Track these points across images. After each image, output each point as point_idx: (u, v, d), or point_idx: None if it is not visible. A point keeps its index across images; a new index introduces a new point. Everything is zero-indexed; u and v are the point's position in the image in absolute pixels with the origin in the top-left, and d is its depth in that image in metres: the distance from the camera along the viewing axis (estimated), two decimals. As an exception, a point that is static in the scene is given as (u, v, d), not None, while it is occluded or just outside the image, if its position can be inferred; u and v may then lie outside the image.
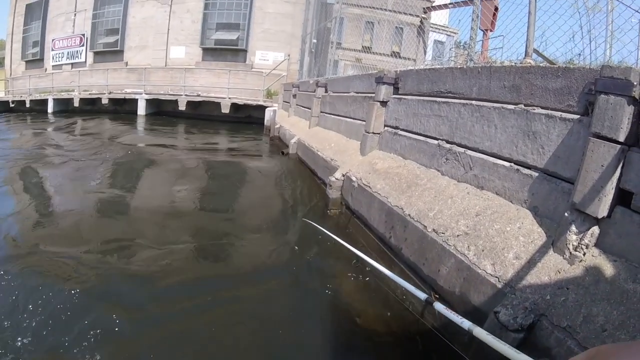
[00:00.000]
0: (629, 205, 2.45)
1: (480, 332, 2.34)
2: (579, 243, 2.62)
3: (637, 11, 4.04)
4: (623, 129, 2.45)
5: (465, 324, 2.50)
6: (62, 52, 28.41)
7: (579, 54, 5.04)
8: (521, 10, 4.49)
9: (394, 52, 9.72)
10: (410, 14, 9.95)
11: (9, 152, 10.48)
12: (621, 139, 2.45)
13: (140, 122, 19.93)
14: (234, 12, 23.80)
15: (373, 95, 6.41)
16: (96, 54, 27.27)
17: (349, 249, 4.46)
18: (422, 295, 3.17)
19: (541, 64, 3.69)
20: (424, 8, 9.80)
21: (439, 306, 2.95)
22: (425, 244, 3.76)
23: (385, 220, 4.68)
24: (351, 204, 5.88)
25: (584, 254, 2.60)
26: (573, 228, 2.65)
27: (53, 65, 28.80)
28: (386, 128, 6.18)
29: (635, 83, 2.40)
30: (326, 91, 10.07)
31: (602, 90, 2.58)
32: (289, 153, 10.66)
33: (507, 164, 3.55)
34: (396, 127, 5.85)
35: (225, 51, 23.96)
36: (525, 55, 3.99)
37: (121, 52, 26.27)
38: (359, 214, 5.55)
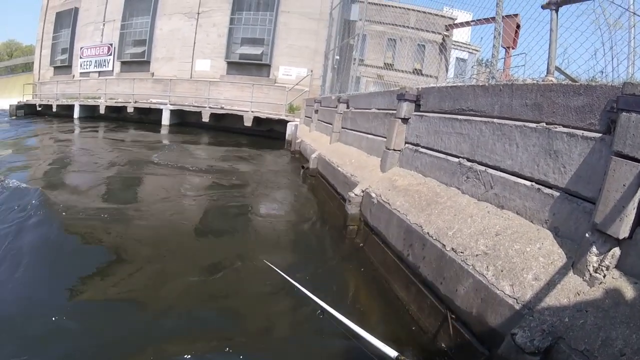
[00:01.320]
0: (650, 226, 2.40)
1: None
2: (599, 264, 2.56)
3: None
4: (645, 147, 2.41)
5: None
6: (90, 60, 29.37)
7: (602, 71, 4.99)
8: (542, 28, 4.49)
9: (415, 69, 9.77)
10: (432, 32, 10.00)
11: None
12: (643, 158, 2.41)
13: (164, 133, 20.28)
14: (258, 28, 24.18)
15: (394, 112, 6.41)
16: (123, 63, 28.09)
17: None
18: (392, 354, 3.04)
19: (563, 82, 3.66)
20: (446, 25, 9.83)
21: None
22: (443, 262, 3.71)
23: (403, 238, 4.64)
24: (370, 220, 5.86)
25: (604, 276, 2.54)
26: (594, 249, 2.60)
27: (81, 73, 29.82)
28: (407, 145, 6.16)
29: (657, 101, 2.36)
30: (348, 107, 10.11)
31: (624, 108, 2.55)
32: (310, 167, 10.70)
33: (528, 183, 3.51)
34: (417, 145, 5.84)
35: (250, 65, 24.32)
36: (547, 73, 3.96)
37: (148, 62, 26.98)
38: (377, 230, 5.52)
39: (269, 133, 21.34)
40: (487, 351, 2.85)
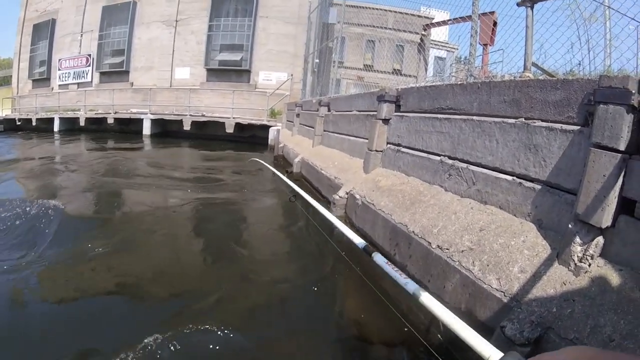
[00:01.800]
0: (633, 213, 2.44)
1: (426, 299, 2.16)
2: (583, 254, 2.60)
3: (633, 19, 4.06)
4: (623, 137, 2.45)
5: (410, 286, 2.29)
6: (69, 72, 28.91)
7: (579, 64, 5.07)
8: (519, 24, 4.54)
9: (395, 69, 9.82)
10: (410, 32, 10.06)
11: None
12: (622, 147, 2.45)
13: (146, 144, 20.05)
14: (237, 34, 24.16)
15: (375, 113, 6.43)
16: (102, 74, 27.73)
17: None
18: (360, 244, 3.00)
19: (540, 77, 3.70)
20: (423, 25, 9.90)
21: (378, 258, 2.75)
22: (430, 260, 3.73)
23: (389, 238, 4.65)
24: (355, 221, 5.86)
25: (589, 265, 2.57)
26: (577, 239, 2.63)
27: (59, 85, 29.33)
28: (389, 145, 6.19)
29: (633, 91, 2.40)
30: (329, 110, 10.13)
31: (601, 100, 2.58)
32: (293, 172, 10.67)
33: (509, 177, 3.54)
34: (398, 145, 5.86)
35: (229, 72, 24.27)
36: (524, 69, 4.01)
37: (127, 72, 26.72)
38: (363, 231, 5.52)
39: (251, 139, 21.27)
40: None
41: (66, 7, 29.22)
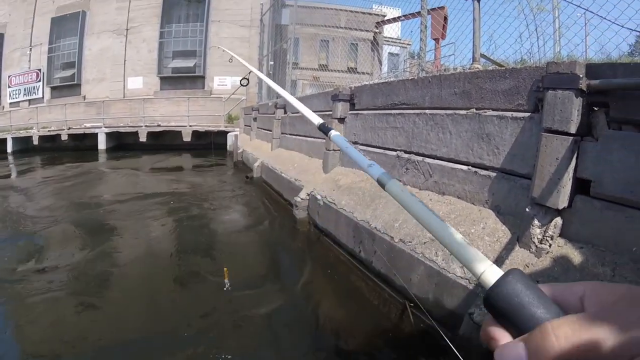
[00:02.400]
0: (588, 193, 2.49)
1: (392, 185, 1.87)
2: (543, 236, 2.63)
3: (579, 6, 4.17)
4: (574, 121, 2.49)
5: (375, 171, 1.99)
6: (19, 89, 27.44)
7: (528, 52, 5.19)
8: (467, 17, 4.59)
9: (350, 68, 9.85)
10: (363, 30, 10.11)
11: None
12: (572, 130, 2.49)
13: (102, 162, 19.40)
14: (189, 39, 23.80)
15: (331, 112, 6.41)
16: (53, 89, 26.59)
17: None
18: (316, 121, 2.86)
19: (489, 68, 3.75)
20: (376, 23, 9.96)
21: (334, 136, 2.61)
22: (394, 254, 3.73)
23: (353, 235, 4.64)
24: (318, 222, 5.82)
25: (550, 246, 2.61)
26: (536, 222, 2.66)
27: (10, 103, 27.68)
28: (346, 143, 6.17)
29: (581, 75, 2.44)
30: (285, 112, 10.07)
31: (549, 86, 2.62)
32: (253, 177, 10.55)
33: (465, 167, 3.57)
34: (355, 142, 5.85)
35: (183, 79, 23.86)
36: (473, 61, 4.05)
37: (78, 85, 25.74)
38: (327, 231, 5.49)
39: (209, 146, 20.91)
40: (450, 333, 2.87)
41: (14, 20, 27.77)
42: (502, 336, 0.40)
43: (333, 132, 1.18)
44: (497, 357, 0.38)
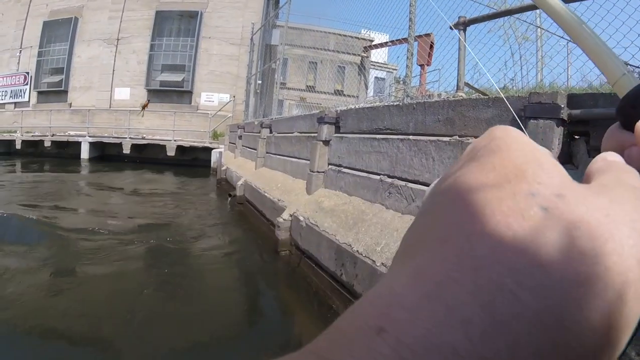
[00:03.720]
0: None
1: None
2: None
3: (562, 37, 4.27)
4: (554, 149, 2.51)
5: None
6: (6, 91, 27.05)
7: (512, 79, 5.29)
8: (453, 46, 4.65)
9: (337, 90, 9.92)
10: (351, 53, 10.22)
11: None
12: (553, 159, 2.51)
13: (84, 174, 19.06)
14: (179, 54, 23.83)
15: (316, 134, 6.42)
16: (40, 93, 26.32)
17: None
18: None
19: (472, 96, 3.79)
20: (364, 47, 10.08)
21: None
22: (375, 278, 3.69)
23: (335, 258, 4.59)
24: (300, 244, 5.77)
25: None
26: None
27: None
28: (330, 166, 6.17)
29: (562, 105, 2.47)
30: (271, 132, 10.06)
31: (531, 115, 2.65)
32: (237, 195, 10.46)
33: (447, 194, 3.58)
34: (339, 165, 5.85)
35: (171, 92, 23.79)
36: (457, 89, 4.10)
37: (65, 92, 25.52)
38: (309, 253, 5.44)
39: (193, 162, 20.72)
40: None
41: (6, 20, 27.48)
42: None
43: None
44: (627, 158, 0.30)
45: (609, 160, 0.28)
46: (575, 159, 2.53)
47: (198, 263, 6.03)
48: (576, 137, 2.57)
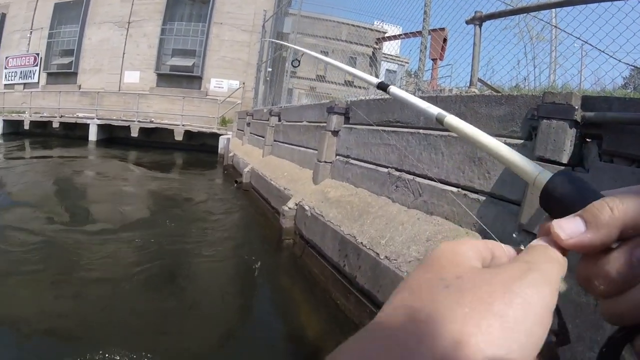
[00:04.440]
0: (575, 222, 2.48)
1: (453, 120, 1.57)
2: (529, 263, 2.63)
3: (579, 38, 4.24)
4: (566, 151, 2.50)
5: (432, 110, 1.70)
6: (15, 71, 27.19)
7: (525, 78, 5.26)
8: (467, 42, 4.63)
9: (347, 81, 9.88)
10: (363, 45, 10.18)
11: None
12: (564, 160, 2.50)
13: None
14: (190, 39, 23.77)
15: (325, 124, 6.41)
16: (49, 75, 26.40)
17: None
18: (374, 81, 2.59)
19: (485, 92, 3.78)
20: (376, 39, 10.03)
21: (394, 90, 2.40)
22: (378, 271, 3.70)
23: (338, 249, 4.61)
24: (305, 233, 5.79)
25: (536, 272, 2.60)
26: (522, 248, 2.66)
27: (5, 85, 27.42)
28: (338, 157, 6.17)
29: (576, 107, 2.46)
30: (279, 120, 10.05)
31: (544, 115, 2.64)
32: (243, 182, 10.49)
33: (454, 189, 3.58)
34: (347, 156, 5.85)
35: (180, 77, 23.76)
36: (470, 85, 4.08)
37: (75, 74, 25.56)
38: (313, 243, 5.46)
39: (201, 147, 20.74)
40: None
41: (17, 1, 27.45)
42: None
43: (392, 87, 1.16)
44: (555, 229, 0.38)
45: (530, 245, 0.40)
46: (586, 162, 2.52)
47: (199, 249, 6.04)
48: (588, 139, 2.56)
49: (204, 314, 4.06)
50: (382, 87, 1.28)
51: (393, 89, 1.17)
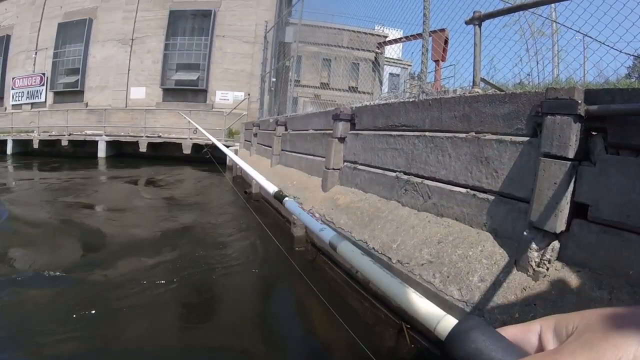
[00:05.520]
0: (586, 217, 2.51)
1: (346, 248, 1.60)
2: (541, 259, 2.64)
3: (578, 31, 4.25)
4: (572, 146, 2.51)
5: (326, 233, 1.72)
6: (22, 92, 27.66)
7: (528, 74, 5.27)
8: (467, 42, 4.65)
9: (351, 86, 9.94)
10: (365, 50, 10.22)
11: None
12: (571, 155, 2.52)
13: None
14: (193, 53, 24.01)
15: (331, 131, 6.44)
16: (56, 94, 26.81)
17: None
18: (273, 191, 2.74)
19: (489, 92, 3.79)
20: (377, 43, 10.07)
21: (289, 203, 2.44)
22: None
23: (350, 255, 4.61)
24: (316, 240, 5.81)
25: (547, 269, 2.62)
26: (533, 245, 2.67)
27: (13, 105, 27.96)
28: (345, 163, 6.20)
29: (579, 101, 2.47)
30: (286, 129, 10.11)
31: (548, 111, 2.65)
32: (252, 192, 10.54)
33: (463, 190, 3.59)
34: (355, 162, 5.88)
35: (186, 91, 24.00)
36: (473, 85, 4.10)
37: (81, 92, 25.93)
38: (324, 250, 5.48)
39: (209, 159, 20.80)
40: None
41: (21, 22, 28.10)
42: None
43: (287, 200, 1.21)
44: None
45: None
46: (592, 155, 2.53)
47: (210, 259, 6.07)
48: (593, 133, 2.57)
49: (224, 323, 4.10)
50: (278, 197, 1.32)
51: (288, 202, 1.20)
